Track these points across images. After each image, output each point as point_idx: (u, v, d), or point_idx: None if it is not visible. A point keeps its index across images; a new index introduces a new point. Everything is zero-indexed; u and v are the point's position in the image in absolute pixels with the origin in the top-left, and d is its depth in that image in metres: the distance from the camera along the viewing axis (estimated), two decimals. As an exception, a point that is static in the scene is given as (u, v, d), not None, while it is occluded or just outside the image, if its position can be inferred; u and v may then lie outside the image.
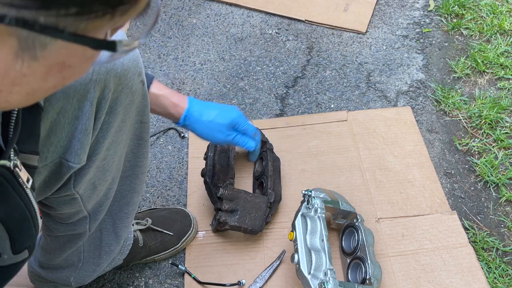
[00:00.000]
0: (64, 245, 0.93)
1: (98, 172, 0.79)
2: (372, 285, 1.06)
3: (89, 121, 0.70)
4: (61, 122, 0.69)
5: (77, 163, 0.72)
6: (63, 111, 0.68)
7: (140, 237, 1.14)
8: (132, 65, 0.74)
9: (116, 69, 0.71)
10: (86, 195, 0.81)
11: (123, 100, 0.75)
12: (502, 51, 1.69)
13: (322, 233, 1.08)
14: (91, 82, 0.68)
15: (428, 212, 1.28)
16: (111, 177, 0.84)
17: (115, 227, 0.95)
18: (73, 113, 0.69)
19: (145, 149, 0.89)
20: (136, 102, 0.79)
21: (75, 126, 0.70)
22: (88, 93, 0.68)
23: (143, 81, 0.79)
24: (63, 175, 0.73)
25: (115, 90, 0.73)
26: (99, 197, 0.84)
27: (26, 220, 0.60)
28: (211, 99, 1.58)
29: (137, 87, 0.77)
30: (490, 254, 1.23)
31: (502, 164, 1.41)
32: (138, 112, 0.82)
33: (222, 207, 1.14)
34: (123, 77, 0.73)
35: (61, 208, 0.82)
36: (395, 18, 1.84)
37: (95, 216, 0.87)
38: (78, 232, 0.89)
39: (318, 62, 1.69)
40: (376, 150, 1.41)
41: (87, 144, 0.72)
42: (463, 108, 1.54)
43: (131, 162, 0.88)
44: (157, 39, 1.78)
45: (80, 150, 0.71)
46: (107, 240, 0.96)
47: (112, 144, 0.78)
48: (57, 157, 0.71)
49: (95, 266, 1.00)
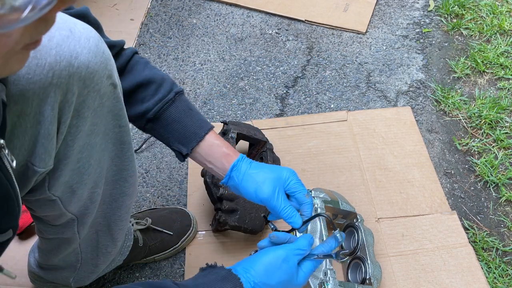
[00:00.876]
0: (59, 247, 0.93)
1: (74, 175, 0.78)
2: (372, 285, 1.06)
3: (52, 125, 0.69)
4: (22, 125, 0.67)
5: (43, 167, 0.71)
6: (23, 114, 0.66)
7: (140, 237, 1.14)
8: (99, 68, 0.72)
9: (80, 72, 0.69)
10: (65, 198, 0.80)
11: (91, 104, 0.73)
12: (502, 51, 1.69)
13: (322, 233, 1.08)
14: (51, 85, 0.66)
15: (428, 212, 1.28)
16: (92, 180, 0.82)
17: (111, 230, 0.95)
18: (34, 117, 0.67)
19: (129, 152, 0.87)
20: (106, 105, 0.77)
21: (38, 131, 0.68)
22: (48, 97, 0.67)
23: (114, 84, 0.76)
24: (30, 177, 0.72)
25: (80, 94, 0.71)
26: (83, 201, 0.84)
27: (10, 199, 0.61)
28: (211, 99, 1.58)
29: (106, 89, 0.75)
30: (490, 254, 1.23)
31: (502, 164, 1.41)
32: (114, 116, 0.80)
33: (222, 207, 1.14)
34: (88, 80, 0.71)
35: (42, 210, 0.82)
36: (395, 18, 1.84)
37: (83, 220, 0.87)
38: (68, 236, 0.89)
39: (318, 62, 1.69)
40: (376, 150, 1.41)
41: (51, 148, 0.71)
42: (463, 108, 1.54)
43: (118, 166, 0.87)
44: (157, 39, 1.78)
45: (45, 154, 0.70)
46: (103, 242, 0.96)
47: (84, 147, 0.76)
48: (23, 160, 0.70)
49: (94, 267, 1.00)
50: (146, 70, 0.87)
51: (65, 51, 0.67)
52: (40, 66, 0.65)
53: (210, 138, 0.90)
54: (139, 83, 0.86)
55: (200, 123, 0.90)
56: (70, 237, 0.89)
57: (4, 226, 0.61)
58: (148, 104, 0.86)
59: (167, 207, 1.26)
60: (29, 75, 0.65)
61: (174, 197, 1.34)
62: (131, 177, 0.91)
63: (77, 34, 0.69)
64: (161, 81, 0.88)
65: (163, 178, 1.37)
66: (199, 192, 1.31)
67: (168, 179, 1.37)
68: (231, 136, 1.26)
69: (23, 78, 0.65)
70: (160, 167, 1.40)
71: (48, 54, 0.66)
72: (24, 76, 0.65)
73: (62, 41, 0.67)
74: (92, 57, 0.70)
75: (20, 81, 0.65)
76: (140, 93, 0.87)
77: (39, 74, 0.65)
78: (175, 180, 1.37)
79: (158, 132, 0.90)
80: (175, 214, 1.22)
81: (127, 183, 0.91)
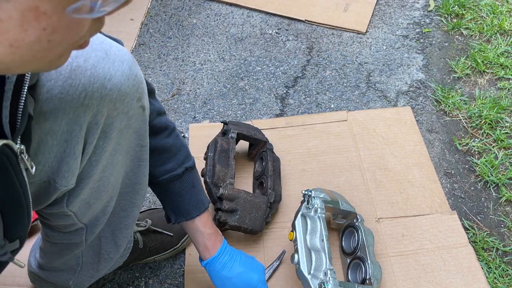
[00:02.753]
0: (62, 251, 0.93)
1: (93, 192, 0.78)
2: (372, 285, 1.06)
3: (78, 145, 0.69)
4: (49, 143, 0.67)
5: (64, 186, 0.71)
6: (51, 132, 0.67)
7: (140, 239, 1.13)
8: (130, 91, 0.72)
9: (111, 94, 0.69)
10: (80, 212, 0.80)
11: (118, 125, 0.74)
12: (502, 51, 1.69)
13: (322, 233, 1.08)
14: (82, 106, 0.67)
15: (428, 212, 1.28)
16: (108, 196, 0.83)
17: (115, 237, 0.95)
18: (62, 136, 0.67)
19: (145, 168, 0.88)
20: (133, 126, 0.78)
21: (63, 149, 0.68)
22: (78, 117, 0.67)
23: (143, 107, 0.77)
24: (51, 194, 0.73)
25: (109, 116, 0.71)
26: (95, 213, 0.84)
27: (21, 207, 0.60)
28: (211, 99, 1.58)
29: (134, 112, 0.75)
30: (490, 254, 1.23)
31: (502, 164, 1.41)
32: (138, 137, 0.81)
33: (222, 207, 1.14)
34: (118, 102, 0.71)
35: (55, 221, 0.82)
36: (395, 18, 1.84)
37: (92, 229, 0.87)
38: (75, 242, 0.89)
39: (318, 62, 1.69)
40: (376, 150, 1.41)
41: (75, 168, 0.71)
42: (463, 108, 1.54)
43: (132, 180, 0.88)
44: (157, 39, 1.78)
45: (68, 173, 0.70)
46: (106, 248, 0.96)
47: (107, 166, 0.77)
48: (45, 176, 0.70)
49: (94, 271, 1.00)
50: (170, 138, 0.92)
51: (100, 72, 0.68)
52: (73, 87, 0.66)
53: (199, 223, 0.97)
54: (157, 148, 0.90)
55: (197, 203, 0.97)
56: (77, 243, 0.89)
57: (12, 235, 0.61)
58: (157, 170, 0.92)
59: (167, 207, 1.26)
60: (62, 94, 0.65)
61: (174, 197, 1.33)
62: (142, 190, 0.91)
63: (112, 56, 0.70)
64: (177, 151, 0.93)
65: (163, 178, 1.37)
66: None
67: (168, 179, 1.37)
68: (231, 136, 1.26)
69: (55, 97, 0.65)
70: (160, 167, 1.39)
71: (83, 75, 0.66)
72: (57, 95, 0.65)
73: (98, 63, 0.68)
74: (125, 80, 0.71)
75: (52, 100, 0.65)
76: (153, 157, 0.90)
77: (71, 94, 0.66)
78: (175, 180, 1.37)
79: (157, 193, 0.98)
80: (175, 215, 1.22)
81: (138, 195, 0.91)
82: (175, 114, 1.53)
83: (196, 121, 1.51)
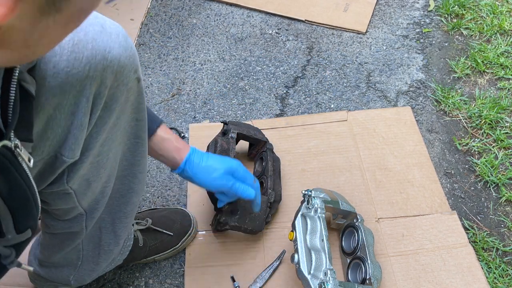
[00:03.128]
0: (62, 243, 0.93)
1: (92, 168, 0.79)
2: (372, 285, 1.06)
3: (85, 116, 0.71)
4: (57, 117, 0.69)
5: (71, 158, 0.73)
6: (60, 106, 0.68)
7: (140, 237, 1.14)
8: (128, 62, 0.75)
9: (112, 65, 0.71)
10: (80, 191, 0.81)
11: (119, 97, 0.76)
12: (502, 51, 1.69)
13: (322, 233, 1.08)
14: (88, 78, 0.68)
15: (428, 212, 1.28)
16: (106, 174, 0.84)
17: (114, 226, 0.95)
18: (69, 109, 0.69)
19: (142, 148, 0.89)
20: (131, 99, 0.80)
21: (71, 121, 0.70)
22: (85, 89, 0.69)
23: (138, 78, 0.79)
24: (57, 168, 0.74)
25: (111, 87, 0.73)
26: (95, 195, 0.85)
27: (27, 199, 0.62)
28: (211, 99, 1.58)
29: (132, 84, 0.78)
30: (490, 254, 1.23)
31: (502, 164, 1.41)
32: (134, 110, 0.82)
33: (222, 208, 1.14)
34: (119, 73, 0.73)
35: (55, 203, 0.83)
36: (395, 18, 1.84)
37: (92, 214, 0.88)
38: (75, 230, 0.90)
39: (318, 62, 1.69)
40: (376, 150, 1.41)
41: (81, 139, 0.73)
42: (463, 108, 1.54)
43: (129, 160, 0.88)
44: (157, 39, 1.78)
45: (75, 145, 0.72)
46: (106, 239, 0.96)
47: (106, 140, 0.78)
48: (53, 151, 0.72)
49: (94, 265, 1.00)
50: None
51: (100, 45, 0.70)
52: (78, 60, 0.68)
53: (161, 132, 0.96)
54: None
55: (152, 118, 0.95)
56: (77, 231, 0.90)
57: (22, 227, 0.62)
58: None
59: (167, 208, 1.26)
60: (68, 68, 0.67)
61: (174, 197, 1.34)
62: (140, 173, 0.92)
63: (108, 29, 0.72)
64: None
65: (163, 178, 1.37)
66: (199, 192, 1.31)
67: (168, 179, 1.37)
68: (231, 136, 1.25)
69: (62, 71, 0.67)
70: (160, 167, 1.40)
71: (85, 48, 0.68)
72: (63, 69, 0.67)
73: (97, 36, 0.70)
74: (123, 51, 0.73)
75: (59, 74, 0.67)
76: None
77: (77, 67, 0.68)
78: (175, 180, 1.37)
79: None
80: (175, 215, 1.22)
81: (136, 179, 0.91)
82: (175, 114, 1.53)
83: (196, 121, 1.51)
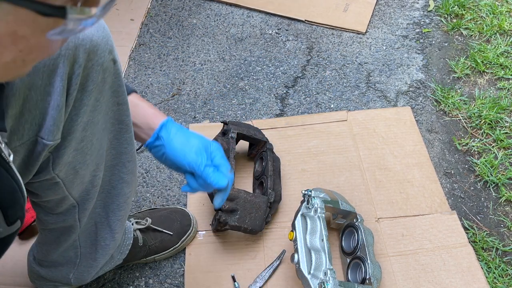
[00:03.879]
0: (59, 238, 0.94)
1: (78, 155, 0.79)
2: (372, 285, 1.06)
3: (61, 96, 0.70)
4: (33, 98, 0.68)
5: (51, 140, 0.72)
6: (34, 87, 0.68)
7: (140, 237, 1.14)
8: (101, 42, 0.74)
9: (84, 44, 0.70)
10: (68, 180, 0.81)
11: (95, 77, 0.74)
12: (501, 51, 1.69)
13: (322, 233, 1.08)
14: (60, 56, 0.68)
15: (428, 212, 1.28)
16: (94, 162, 0.83)
17: (109, 220, 0.95)
18: (45, 89, 0.68)
19: (128, 134, 0.87)
20: (108, 80, 0.78)
21: (48, 103, 0.69)
22: (58, 67, 0.68)
23: (114, 59, 0.78)
24: (39, 154, 0.73)
25: (86, 66, 0.72)
26: (85, 184, 0.84)
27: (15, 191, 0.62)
28: (211, 99, 1.58)
29: (108, 64, 0.76)
30: (490, 254, 1.23)
31: (501, 164, 1.41)
32: (113, 93, 0.81)
33: (222, 207, 1.14)
34: (92, 53, 0.72)
35: (45, 194, 0.83)
36: (395, 18, 1.85)
37: (84, 205, 0.87)
38: (69, 224, 0.90)
39: (318, 62, 1.69)
40: (376, 150, 1.41)
41: (60, 121, 0.72)
42: (463, 108, 1.54)
43: (116, 149, 0.87)
44: (157, 39, 1.78)
45: (53, 126, 0.71)
46: (102, 234, 0.96)
47: (88, 124, 0.78)
48: (33, 135, 0.71)
49: (92, 261, 1.00)
50: None
51: None
52: None
53: (134, 99, 0.89)
54: None
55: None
56: (71, 225, 0.90)
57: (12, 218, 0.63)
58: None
59: (167, 207, 1.26)
60: None
61: (174, 197, 1.34)
62: (129, 162, 0.90)
63: None
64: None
65: (163, 178, 1.37)
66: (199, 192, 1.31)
67: (168, 179, 1.37)
68: (231, 136, 1.26)
69: None
70: (160, 167, 1.40)
71: None
72: None
73: None
74: (95, 31, 0.72)
75: None
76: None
77: None
78: (175, 180, 1.37)
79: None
80: (175, 214, 1.22)
81: (125, 168, 0.90)
82: (175, 114, 1.53)
83: (196, 121, 1.52)
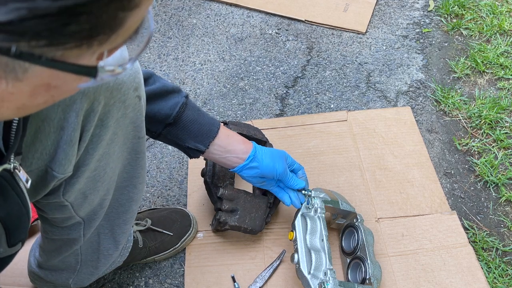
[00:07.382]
0: (60, 248, 0.93)
1: (89, 182, 0.79)
2: (372, 285, 1.06)
3: (75, 132, 0.69)
4: (46, 130, 0.68)
5: (61, 173, 0.72)
6: (48, 119, 0.67)
7: (140, 238, 1.14)
8: (128, 79, 0.73)
9: (108, 83, 0.69)
10: (76, 204, 0.80)
11: (115, 114, 0.74)
12: (502, 51, 1.69)
13: (322, 233, 1.08)
14: (78, 93, 0.67)
15: (428, 212, 1.28)
16: (105, 188, 0.83)
17: (114, 233, 0.95)
18: (58, 122, 0.68)
19: (143, 161, 0.88)
20: (129, 115, 0.78)
21: (61, 136, 0.69)
22: (74, 103, 0.67)
23: (139, 96, 0.77)
24: (48, 183, 0.73)
25: (106, 104, 0.71)
26: (93, 206, 0.84)
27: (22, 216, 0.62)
28: (211, 99, 1.58)
29: (131, 101, 0.76)
30: (490, 254, 1.23)
31: (502, 164, 1.41)
32: (135, 128, 0.81)
33: (222, 207, 1.14)
34: (115, 90, 0.71)
35: (52, 213, 0.83)
36: (395, 18, 1.85)
37: (90, 223, 0.87)
38: (73, 237, 0.89)
39: (318, 62, 1.69)
40: (376, 150, 1.41)
41: (72, 155, 0.71)
42: (463, 108, 1.54)
43: (129, 173, 0.88)
44: (157, 39, 1.78)
45: (65, 160, 0.70)
46: (105, 245, 0.96)
47: (103, 156, 0.77)
48: (43, 165, 0.71)
49: (94, 269, 1.00)
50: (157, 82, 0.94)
51: None
52: None
53: (224, 130, 1.01)
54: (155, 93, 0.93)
55: (211, 120, 1.00)
56: (75, 238, 0.90)
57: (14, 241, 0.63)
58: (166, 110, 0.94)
59: (167, 207, 1.26)
60: None
61: (174, 197, 1.34)
62: (140, 184, 0.91)
63: None
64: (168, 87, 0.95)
65: (163, 178, 1.37)
66: (199, 192, 1.31)
67: (168, 179, 1.37)
68: (231, 136, 1.26)
69: None
70: (160, 167, 1.40)
71: None
72: None
73: None
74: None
75: None
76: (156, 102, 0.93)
77: None
78: (175, 180, 1.37)
79: (176, 134, 0.97)
80: (175, 214, 1.22)
81: (136, 189, 0.91)
82: (175, 114, 1.53)
83: (196, 121, 1.51)
